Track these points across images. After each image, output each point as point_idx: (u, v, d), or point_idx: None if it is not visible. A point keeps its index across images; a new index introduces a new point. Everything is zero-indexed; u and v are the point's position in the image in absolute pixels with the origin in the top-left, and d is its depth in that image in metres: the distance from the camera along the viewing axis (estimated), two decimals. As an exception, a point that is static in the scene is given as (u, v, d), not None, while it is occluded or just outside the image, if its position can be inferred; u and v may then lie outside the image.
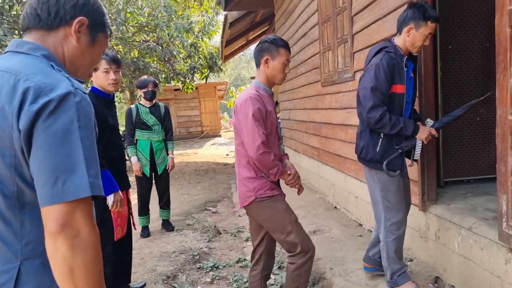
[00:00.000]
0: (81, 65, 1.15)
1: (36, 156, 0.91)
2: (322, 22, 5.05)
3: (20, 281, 0.97)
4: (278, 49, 2.33)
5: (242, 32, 12.25)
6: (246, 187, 2.34)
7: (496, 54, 2.04)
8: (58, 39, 1.09)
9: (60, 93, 0.93)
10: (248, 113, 2.23)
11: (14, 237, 0.98)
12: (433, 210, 2.94)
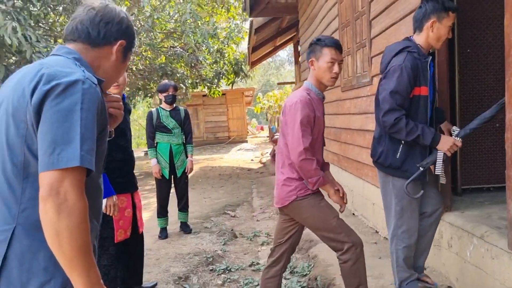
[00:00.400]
0: (112, 77, 1.34)
1: (41, 129, 1.04)
2: (342, 27, 5.03)
3: (11, 243, 1.07)
4: (321, 49, 2.31)
5: (269, 38, 12.32)
6: (288, 187, 2.34)
7: (506, 56, 1.98)
8: (99, 54, 1.28)
9: (70, 79, 1.08)
10: (296, 117, 2.23)
11: (14, 201, 1.09)
12: (446, 217, 2.86)
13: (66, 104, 1.05)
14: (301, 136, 2.21)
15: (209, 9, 10.85)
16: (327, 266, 3.42)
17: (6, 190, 1.10)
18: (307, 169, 2.22)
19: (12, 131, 1.09)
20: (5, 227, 1.08)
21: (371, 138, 4.17)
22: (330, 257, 3.56)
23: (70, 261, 1.03)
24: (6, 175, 1.10)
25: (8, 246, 1.06)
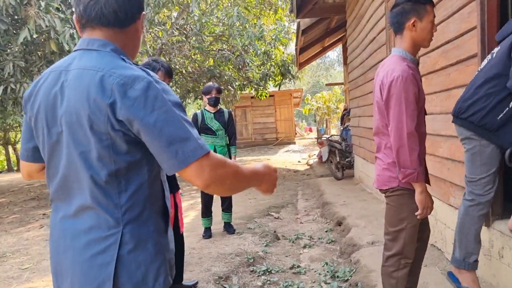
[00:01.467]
0: (137, 47, 1.29)
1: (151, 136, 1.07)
2: (389, 26, 4.87)
3: (123, 241, 1.14)
4: (425, 7, 2.11)
5: (317, 39, 12.20)
6: (390, 172, 2.18)
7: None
8: (128, 35, 1.22)
9: (144, 85, 1.08)
10: (399, 97, 2.02)
11: (114, 207, 1.14)
12: (497, 225, 2.69)
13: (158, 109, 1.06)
14: (405, 118, 2.00)
15: (256, 12, 10.93)
16: (369, 272, 3.33)
17: (103, 199, 1.14)
18: (405, 157, 2.03)
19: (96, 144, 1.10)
20: (113, 231, 1.14)
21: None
22: (372, 262, 3.46)
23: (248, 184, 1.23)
24: (100, 185, 1.13)
25: (120, 246, 1.13)
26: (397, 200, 2.21)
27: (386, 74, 2.09)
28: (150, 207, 1.18)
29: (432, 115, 3.64)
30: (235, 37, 8.20)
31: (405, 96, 2.01)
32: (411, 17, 2.11)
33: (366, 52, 6.26)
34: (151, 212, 1.19)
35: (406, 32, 2.14)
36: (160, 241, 1.21)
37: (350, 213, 5.21)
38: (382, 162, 2.25)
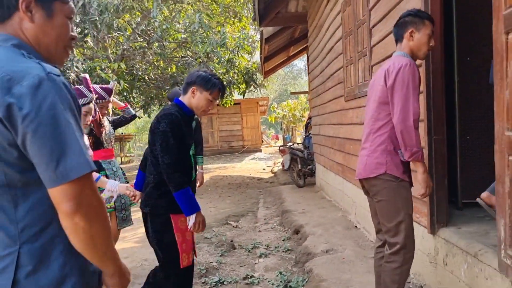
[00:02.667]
0: (49, 43, 1.12)
1: (30, 145, 0.94)
2: (345, 35, 4.94)
3: (21, 263, 1.01)
4: (423, 21, 2.29)
5: (281, 47, 12.30)
6: (377, 159, 2.26)
7: (494, 63, 1.87)
8: (15, 27, 1.07)
9: (33, 81, 0.94)
10: (408, 79, 2.14)
11: (9, 223, 1.01)
12: (442, 233, 2.72)
13: (44, 111, 0.94)
14: (413, 101, 2.12)
15: (221, 20, 10.90)
16: (320, 281, 3.30)
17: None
18: (411, 137, 2.12)
19: None
20: (9, 251, 1.01)
21: (372, 149, 4.07)
22: (325, 271, 3.44)
23: (104, 255, 1.07)
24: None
25: (17, 268, 1.00)
26: (387, 190, 2.26)
27: (393, 64, 2.23)
28: (58, 223, 1.02)
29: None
30: (197, 43, 8.12)
31: (412, 80, 2.14)
32: (409, 28, 2.30)
33: (325, 61, 6.32)
34: (60, 229, 1.02)
35: (405, 41, 2.33)
36: (72, 262, 1.07)
37: (308, 221, 5.20)
38: (369, 149, 2.32)
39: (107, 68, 7.60)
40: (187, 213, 2.34)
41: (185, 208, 2.32)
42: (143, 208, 2.47)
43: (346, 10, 4.86)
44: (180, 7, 9.99)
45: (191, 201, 2.33)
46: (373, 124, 2.32)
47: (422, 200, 2.91)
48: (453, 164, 3.19)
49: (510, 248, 1.77)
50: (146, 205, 2.44)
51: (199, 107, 2.47)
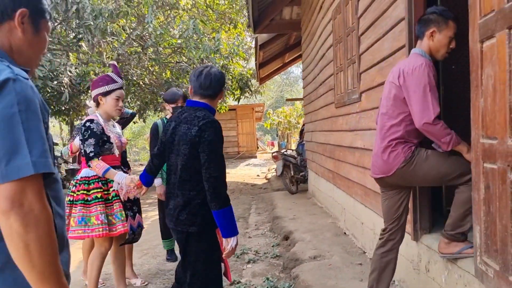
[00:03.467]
0: (31, 54, 1.20)
1: None
2: (335, 43, 4.98)
3: None
4: (447, 22, 2.25)
5: (276, 54, 12.36)
6: (394, 152, 2.28)
7: (470, 71, 1.89)
8: (3, 33, 1.13)
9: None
10: (424, 80, 2.13)
11: None
12: (424, 240, 2.73)
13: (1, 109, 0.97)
14: (431, 100, 2.09)
15: (216, 26, 10.95)
16: (306, 287, 3.30)
17: None
18: (436, 133, 2.10)
19: None
20: None
21: (359, 155, 4.09)
22: (311, 277, 3.44)
23: (41, 273, 0.98)
24: None
25: None
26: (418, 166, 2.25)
27: (408, 63, 2.23)
28: None
29: (371, 130, 3.71)
30: (191, 49, 8.15)
31: (428, 81, 2.12)
32: (431, 27, 2.27)
33: (317, 68, 6.36)
34: None
35: (425, 40, 2.30)
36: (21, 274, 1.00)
37: (298, 227, 5.20)
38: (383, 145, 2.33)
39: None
40: (228, 234, 2.11)
41: (227, 228, 2.10)
42: (187, 228, 2.17)
43: (336, 18, 4.90)
44: (176, 13, 10.03)
45: (233, 221, 2.14)
46: (387, 121, 2.33)
47: (405, 206, 2.93)
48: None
49: (485, 255, 1.78)
50: (193, 224, 2.16)
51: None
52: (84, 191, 2.98)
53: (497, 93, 1.63)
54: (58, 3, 6.61)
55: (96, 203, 2.96)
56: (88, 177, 3.01)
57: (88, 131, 2.93)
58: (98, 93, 3.04)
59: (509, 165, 1.56)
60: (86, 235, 2.91)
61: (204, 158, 2.09)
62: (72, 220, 2.94)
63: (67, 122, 10.70)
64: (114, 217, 3.01)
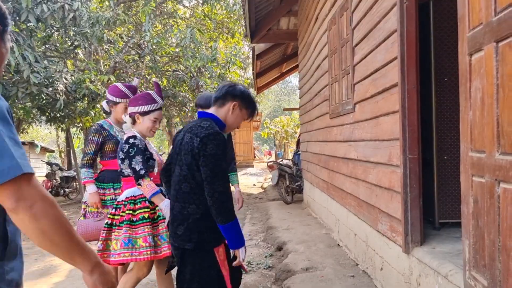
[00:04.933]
0: None
1: None
2: (330, 54, 4.99)
3: None
4: None
5: (274, 64, 12.40)
6: None
7: (459, 84, 1.88)
8: None
9: None
10: None
11: None
12: (416, 253, 2.70)
13: None
14: None
15: (214, 35, 10.99)
16: (296, 299, 3.26)
17: None
18: None
19: None
20: None
21: (353, 166, 4.08)
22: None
23: (68, 249, 1.10)
24: None
25: None
26: None
27: None
28: None
29: (363, 141, 3.70)
30: (188, 58, 8.17)
31: None
32: None
33: (313, 78, 6.37)
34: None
35: None
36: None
37: (292, 238, 5.16)
38: None
39: (97, 80, 7.60)
40: (236, 246, 2.10)
41: (234, 241, 2.09)
42: (183, 244, 2.12)
43: (332, 29, 4.92)
44: (174, 22, 10.07)
45: (239, 233, 2.11)
46: None
47: (397, 219, 2.91)
48: (430, 184, 3.20)
49: (474, 269, 1.76)
50: (189, 240, 2.10)
51: (234, 125, 2.28)
52: (130, 211, 2.73)
53: (485, 106, 1.62)
54: (55, 10, 6.63)
55: (143, 224, 2.71)
56: (134, 197, 2.77)
57: (134, 148, 2.70)
58: (137, 111, 2.79)
59: (497, 179, 1.54)
60: (133, 258, 2.63)
61: (206, 173, 2.03)
62: (115, 243, 2.70)
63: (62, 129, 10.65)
64: (160, 238, 2.76)
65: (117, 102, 3.26)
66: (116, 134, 3.34)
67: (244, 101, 2.25)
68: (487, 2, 1.59)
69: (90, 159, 3.32)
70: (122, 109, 3.24)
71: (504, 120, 1.49)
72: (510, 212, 1.46)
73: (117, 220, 2.77)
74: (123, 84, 3.31)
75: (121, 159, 2.77)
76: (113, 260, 2.66)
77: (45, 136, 32.96)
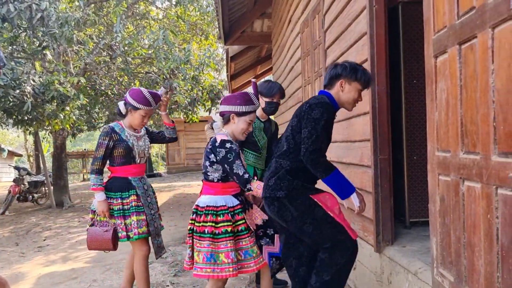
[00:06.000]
0: None
1: None
2: (303, 56, 5.04)
3: None
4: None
5: (248, 66, 12.43)
6: None
7: (426, 85, 1.93)
8: None
9: None
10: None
11: None
12: (387, 251, 2.75)
13: None
14: None
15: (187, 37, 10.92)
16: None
17: None
18: None
19: None
20: None
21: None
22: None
23: None
24: None
25: None
26: None
27: None
28: None
29: (336, 142, 3.74)
30: (161, 60, 8.08)
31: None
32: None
33: (287, 80, 6.41)
34: None
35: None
36: None
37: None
38: None
39: (67, 82, 7.42)
40: (344, 196, 2.29)
41: (341, 191, 2.28)
42: (274, 193, 2.30)
43: (304, 32, 4.97)
44: (146, 23, 9.95)
45: (344, 182, 2.29)
46: None
47: (369, 219, 2.95)
48: (401, 184, 3.26)
49: (441, 266, 1.80)
50: (280, 188, 2.29)
51: (350, 100, 2.43)
52: (212, 223, 2.54)
53: (450, 107, 1.66)
54: (22, 10, 6.43)
55: (226, 238, 2.54)
56: (216, 207, 2.58)
57: (232, 152, 2.51)
58: (233, 111, 2.60)
59: (461, 178, 1.58)
60: (215, 274, 2.51)
61: (304, 133, 2.24)
62: (197, 255, 2.55)
63: (31, 133, 10.34)
64: (242, 253, 2.61)
65: (137, 108, 3.02)
66: (128, 138, 3.09)
67: (349, 74, 2.37)
68: (450, 6, 1.63)
69: (100, 164, 3.05)
70: (141, 116, 3.05)
71: (468, 120, 1.53)
72: (474, 209, 1.50)
73: (198, 228, 2.58)
74: (148, 91, 3.08)
75: (211, 162, 2.58)
76: (195, 273, 2.55)
77: (13, 139, 31.93)
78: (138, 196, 3.09)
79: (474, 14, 1.47)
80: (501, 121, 1.34)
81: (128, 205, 3.08)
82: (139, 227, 3.04)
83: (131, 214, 3.06)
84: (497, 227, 1.37)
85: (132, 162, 3.12)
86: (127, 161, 3.10)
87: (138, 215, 3.07)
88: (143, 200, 3.11)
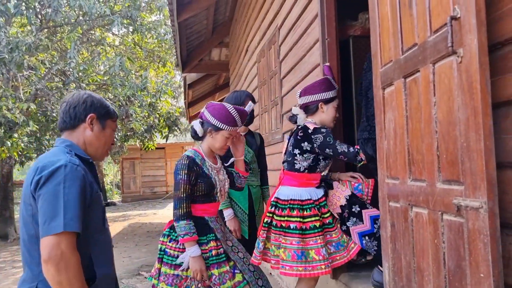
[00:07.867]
0: (98, 146, 1.68)
1: (39, 208, 1.45)
2: (260, 85, 5.14)
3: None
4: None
5: (206, 93, 12.48)
6: None
7: (375, 115, 2.02)
8: (79, 133, 1.64)
9: (54, 167, 1.45)
10: None
11: (36, 265, 1.46)
12: (343, 278, 2.79)
13: (51, 187, 1.43)
14: None
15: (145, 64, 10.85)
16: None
17: (28, 257, 1.51)
18: None
19: (24, 211, 1.51)
20: (31, 284, 1.49)
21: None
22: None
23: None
24: (26, 245, 1.51)
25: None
26: None
27: None
28: None
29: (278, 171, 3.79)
30: (117, 86, 7.95)
31: None
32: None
33: (244, 109, 6.48)
34: None
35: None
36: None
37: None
38: None
39: (15, 108, 7.12)
40: None
41: None
42: None
43: (261, 61, 5.09)
44: (102, 49, 9.81)
45: None
46: None
47: (325, 245, 2.98)
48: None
49: (393, 291, 1.84)
50: None
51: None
52: (299, 218, 2.39)
53: (398, 136, 1.74)
54: (-32, 33, 6.17)
55: (315, 234, 2.38)
56: (301, 201, 2.43)
57: (330, 135, 2.46)
58: (321, 99, 2.51)
59: (410, 204, 1.65)
60: (307, 273, 2.34)
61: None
62: (284, 251, 2.38)
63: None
64: (331, 247, 2.45)
65: (219, 129, 2.39)
66: (210, 173, 2.43)
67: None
68: (395, 42, 1.74)
69: (187, 206, 2.34)
70: (224, 138, 2.41)
71: (414, 149, 1.61)
72: (422, 234, 1.56)
73: (279, 222, 2.44)
74: (233, 106, 2.42)
75: (303, 150, 2.47)
76: (283, 272, 2.37)
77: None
78: (218, 241, 2.42)
79: (417, 50, 1.57)
80: (444, 151, 1.42)
81: (206, 253, 2.35)
82: (222, 283, 2.33)
83: (211, 266, 2.34)
84: (444, 251, 1.43)
85: (212, 200, 2.46)
86: (206, 200, 2.43)
87: (220, 267, 2.36)
88: (224, 246, 2.44)
